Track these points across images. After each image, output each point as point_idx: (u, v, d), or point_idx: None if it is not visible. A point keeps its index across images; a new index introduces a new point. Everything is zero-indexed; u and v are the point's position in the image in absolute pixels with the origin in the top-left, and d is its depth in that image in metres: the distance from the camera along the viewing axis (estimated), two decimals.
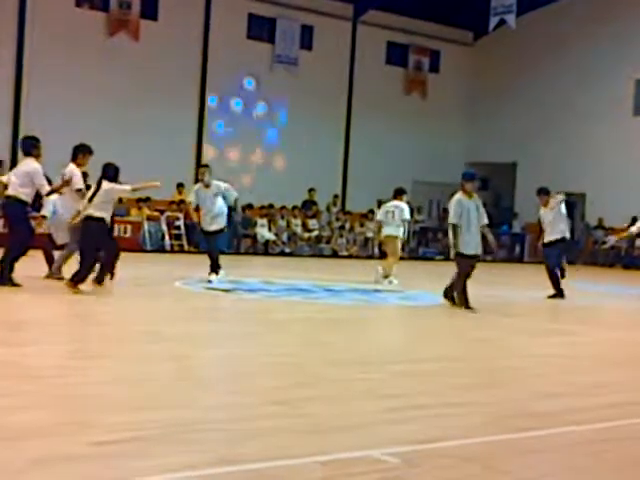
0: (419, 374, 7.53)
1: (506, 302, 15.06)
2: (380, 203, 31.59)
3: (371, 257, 28.47)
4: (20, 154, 13.30)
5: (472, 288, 12.74)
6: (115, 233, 23.49)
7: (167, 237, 24.89)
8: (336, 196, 31.31)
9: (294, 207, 28.74)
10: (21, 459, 4.33)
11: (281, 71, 30.59)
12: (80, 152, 13.47)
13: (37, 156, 12.73)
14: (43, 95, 25.64)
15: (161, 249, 24.53)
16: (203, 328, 9.96)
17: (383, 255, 18.78)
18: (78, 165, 13.38)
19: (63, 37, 26.09)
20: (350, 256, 28.27)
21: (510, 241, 32.50)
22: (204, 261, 15.22)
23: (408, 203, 17.66)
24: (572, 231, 32.52)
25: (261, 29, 30.63)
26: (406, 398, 6.42)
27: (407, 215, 16.80)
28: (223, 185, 15.16)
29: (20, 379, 6.29)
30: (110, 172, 12.55)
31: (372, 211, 30.43)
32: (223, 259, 15.28)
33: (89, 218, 12.28)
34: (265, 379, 6.83)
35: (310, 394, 6.35)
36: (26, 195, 12.54)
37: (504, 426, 5.67)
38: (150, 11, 27.92)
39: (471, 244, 12.53)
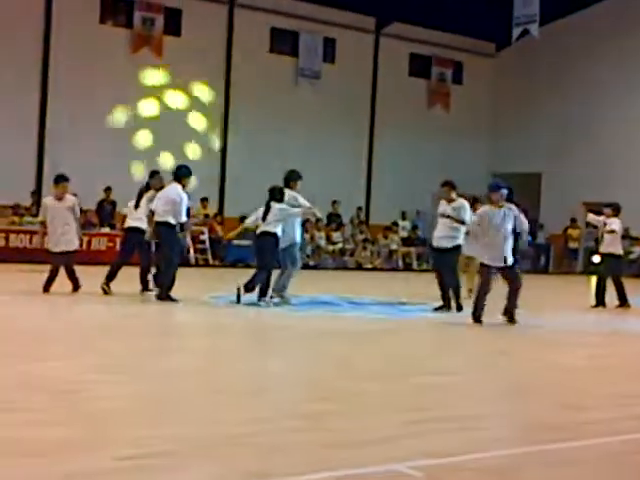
0: (441, 386, 7.53)
1: (530, 314, 14.98)
2: (404, 215, 31.76)
3: (395, 269, 28.46)
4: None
5: (494, 299, 12.64)
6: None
7: (192, 251, 24.98)
8: (360, 208, 31.33)
9: (318, 220, 28.76)
10: (50, 475, 4.39)
11: (304, 84, 30.69)
12: (292, 179, 14.47)
13: (184, 185, 13.67)
14: (67, 110, 25.82)
15: (186, 263, 24.61)
16: (227, 342, 10.01)
17: None
18: (291, 189, 14.30)
19: (87, 53, 26.30)
20: (374, 268, 28.26)
21: (535, 252, 32.36)
22: (229, 275, 15.25)
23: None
24: (596, 240, 32.53)
25: (284, 43, 30.76)
26: (428, 411, 6.42)
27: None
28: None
29: (47, 394, 6.35)
30: (276, 195, 13.81)
31: (396, 223, 30.46)
32: (245, 270, 15.28)
33: (265, 234, 13.63)
34: (288, 393, 6.86)
35: (333, 408, 6.37)
36: (174, 218, 13.35)
37: (527, 439, 5.66)
38: (173, 27, 28.11)
39: (499, 256, 12.37)
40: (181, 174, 13.73)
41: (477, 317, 12.33)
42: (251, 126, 29.13)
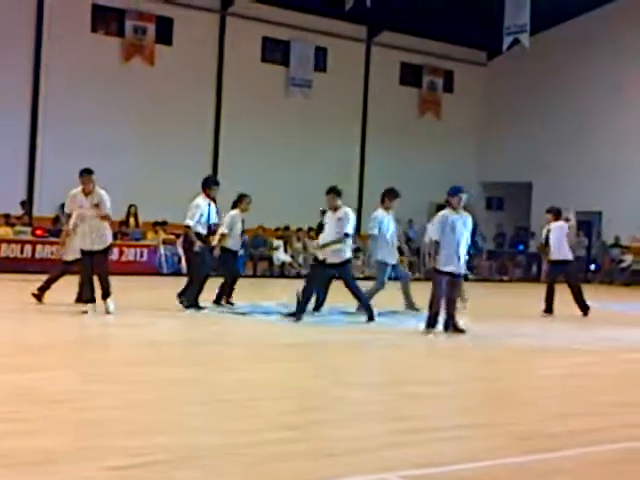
0: (431, 396, 7.52)
1: (518, 322, 14.99)
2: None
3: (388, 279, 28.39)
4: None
5: (486, 308, 12.64)
6: (131, 257, 23.70)
7: (183, 261, 24.87)
8: None
9: (310, 229, 28.76)
10: None
11: (295, 93, 30.71)
12: (388, 194, 15.62)
13: (208, 195, 14.23)
14: (58, 119, 25.82)
15: (177, 272, 24.55)
16: (217, 352, 9.97)
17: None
18: (386, 209, 15.38)
19: (79, 62, 26.28)
20: (366, 278, 28.21)
21: (526, 261, 32.41)
22: (218, 285, 15.23)
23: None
24: (589, 249, 32.61)
25: (275, 52, 30.79)
26: (419, 420, 6.42)
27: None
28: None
29: (37, 404, 6.33)
30: None
31: None
32: (240, 281, 15.26)
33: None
34: (277, 403, 6.83)
35: (322, 418, 6.36)
36: (200, 229, 14.08)
37: (519, 448, 5.65)
38: (165, 36, 28.13)
39: (452, 261, 12.07)
40: (205, 183, 14.40)
41: (432, 324, 12.15)
42: (243, 135, 29.13)
